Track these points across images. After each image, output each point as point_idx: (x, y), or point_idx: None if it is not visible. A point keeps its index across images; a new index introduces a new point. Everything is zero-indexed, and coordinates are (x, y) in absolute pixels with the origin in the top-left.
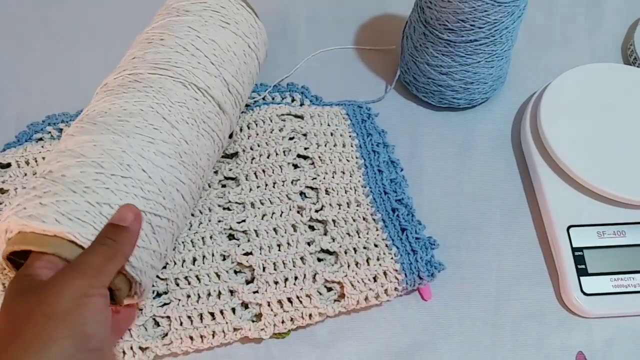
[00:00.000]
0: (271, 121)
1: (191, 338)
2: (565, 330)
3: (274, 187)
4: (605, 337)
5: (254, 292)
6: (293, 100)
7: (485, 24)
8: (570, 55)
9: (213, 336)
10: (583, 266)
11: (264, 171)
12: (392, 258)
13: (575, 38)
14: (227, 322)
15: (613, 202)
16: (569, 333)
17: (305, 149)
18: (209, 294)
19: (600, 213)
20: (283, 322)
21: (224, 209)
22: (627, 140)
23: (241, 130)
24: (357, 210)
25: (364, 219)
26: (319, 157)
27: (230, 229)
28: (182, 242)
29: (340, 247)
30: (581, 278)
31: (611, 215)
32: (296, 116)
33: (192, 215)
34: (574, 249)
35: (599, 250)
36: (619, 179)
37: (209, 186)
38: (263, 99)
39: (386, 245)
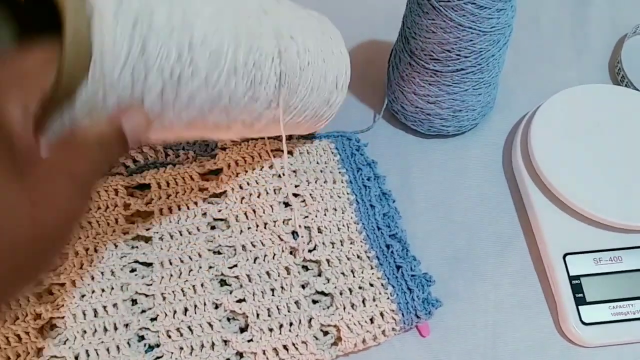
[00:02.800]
0: (260, 158)
1: None
2: None
3: (265, 228)
4: None
5: (249, 341)
6: None
7: (471, 53)
8: (559, 77)
9: None
10: (581, 295)
11: (254, 211)
12: (388, 298)
13: (562, 59)
14: None
15: (608, 228)
16: None
17: (296, 186)
18: (202, 345)
19: (595, 239)
20: None
21: (214, 253)
22: (619, 162)
23: (229, 167)
24: (350, 248)
25: (358, 256)
26: (310, 194)
27: (222, 275)
28: (173, 292)
29: (335, 287)
30: (580, 307)
31: (607, 241)
32: None
33: (181, 261)
34: (571, 278)
35: (596, 278)
36: (613, 203)
37: (197, 230)
38: None
39: (382, 285)
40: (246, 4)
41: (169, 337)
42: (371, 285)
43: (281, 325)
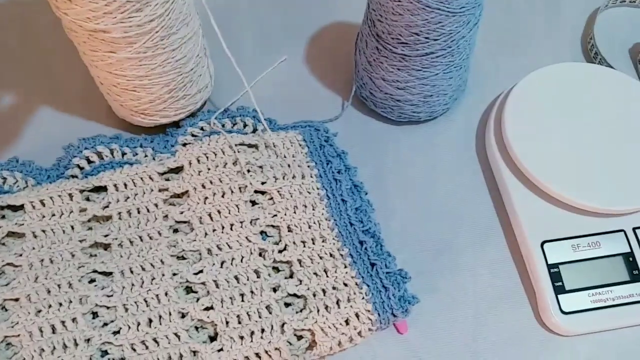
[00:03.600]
0: (223, 154)
1: None
2: (546, 352)
3: (231, 229)
4: (588, 355)
5: (219, 351)
6: (245, 125)
7: (440, 36)
8: (531, 56)
9: None
10: (560, 283)
11: (219, 212)
12: (363, 298)
13: (534, 37)
14: None
15: (586, 213)
16: (550, 354)
17: (263, 183)
18: (170, 358)
19: (573, 225)
20: None
21: (177, 258)
22: (594, 144)
23: (190, 164)
24: (322, 246)
25: (331, 255)
26: (278, 191)
27: (187, 281)
28: (135, 303)
29: (308, 289)
30: (559, 296)
31: (585, 227)
32: (250, 146)
33: (143, 269)
34: (549, 266)
35: (575, 265)
36: (590, 187)
37: (159, 234)
38: (211, 126)
39: (356, 284)
40: None
41: (134, 350)
42: (345, 285)
43: (252, 333)
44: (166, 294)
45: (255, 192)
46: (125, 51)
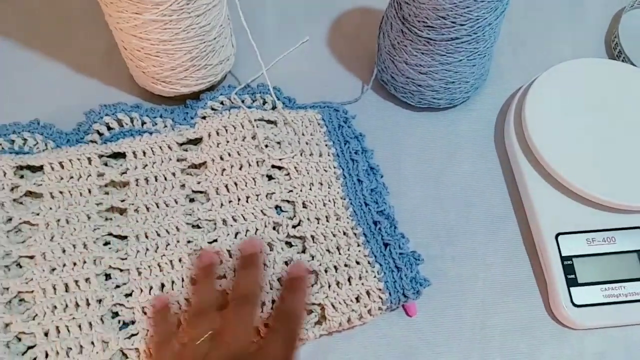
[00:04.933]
0: (242, 127)
1: None
2: (555, 344)
3: (247, 201)
4: (596, 349)
5: None
6: (264, 102)
7: (467, 21)
8: (553, 50)
9: None
10: (573, 276)
11: (235, 184)
12: (375, 276)
13: (557, 32)
14: None
15: (603, 207)
16: (559, 346)
17: (280, 159)
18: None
19: (589, 219)
20: None
21: (192, 226)
22: (615, 140)
23: (209, 136)
24: (336, 224)
25: (344, 233)
26: (295, 167)
27: (201, 250)
28: (149, 267)
29: (320, 265)
30: (571, 289)
31: (601, 221)
32: (269, 122)
33: (158, 235)
34: (563, 258)
35: (588, 259)
36: (608, 182)
37: (175, 202)
38: (231, 101)
39: (368, 262)
40: None
41: (145, 314)
42: (357, 263)
43: (263, 303)
44: (180, 261)
45: (272, 167)
46: (151, 13)
